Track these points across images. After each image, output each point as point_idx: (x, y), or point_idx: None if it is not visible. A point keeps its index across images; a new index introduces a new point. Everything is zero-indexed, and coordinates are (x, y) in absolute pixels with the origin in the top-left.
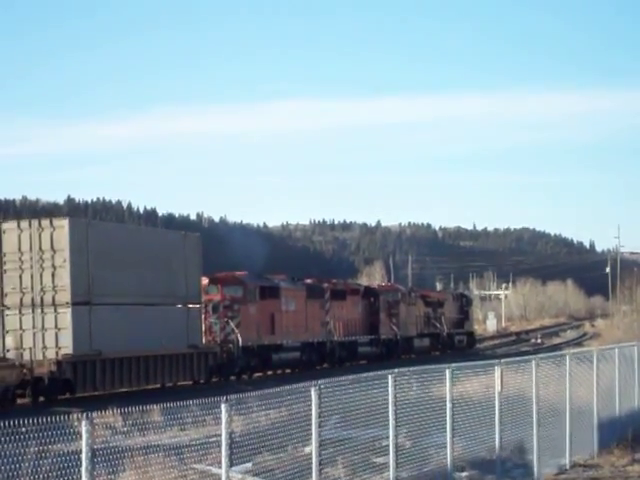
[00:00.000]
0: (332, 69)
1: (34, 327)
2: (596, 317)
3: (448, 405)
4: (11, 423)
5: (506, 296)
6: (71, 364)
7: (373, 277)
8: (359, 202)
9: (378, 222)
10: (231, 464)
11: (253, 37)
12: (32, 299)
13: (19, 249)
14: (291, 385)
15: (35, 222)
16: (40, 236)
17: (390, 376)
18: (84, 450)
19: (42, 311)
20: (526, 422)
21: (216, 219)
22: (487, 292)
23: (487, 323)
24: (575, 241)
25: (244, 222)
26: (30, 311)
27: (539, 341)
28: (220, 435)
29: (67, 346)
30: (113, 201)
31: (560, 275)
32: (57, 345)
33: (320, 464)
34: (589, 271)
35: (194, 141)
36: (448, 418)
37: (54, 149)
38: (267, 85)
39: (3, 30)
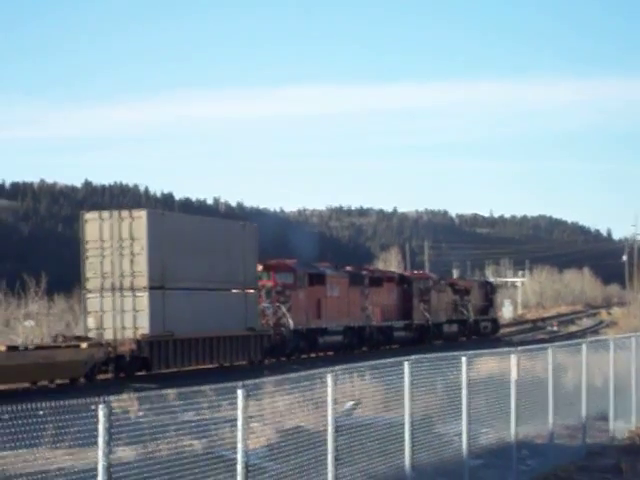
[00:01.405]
0: (349, 54)
1: (114, 309)
2: (613, 305)
3: (464, 392)
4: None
5: (522, 283)
6: (148, 343)
7: (389, 263)
8: (376, 188)
9: (395, 208)
10: (247, 449)
11: (270, 21)
12: (112, 283)
13: (100, 238)
14: (307, 371)
15: (115, 213)
16: (120, 226)
17: (406, 363)
18: (101, 432)
19: (121, 294)
20: (542, 410)
21: (233, 204)
22: (503, 279)
23: (503, 310)
24: (592, 229)
25: (261, 207)
26: (110, 294)
27: (555, 328)
28: (236, 419)
29: (144, 327)
30: (130, 185)
31: (577, 263)
32: (135, 326)
33: (336, 450)
34: (606, 259)
35: (210, 125)
36: (464, 405)
37: (71, 132)
38: (284, 69)
39: (19, 13)
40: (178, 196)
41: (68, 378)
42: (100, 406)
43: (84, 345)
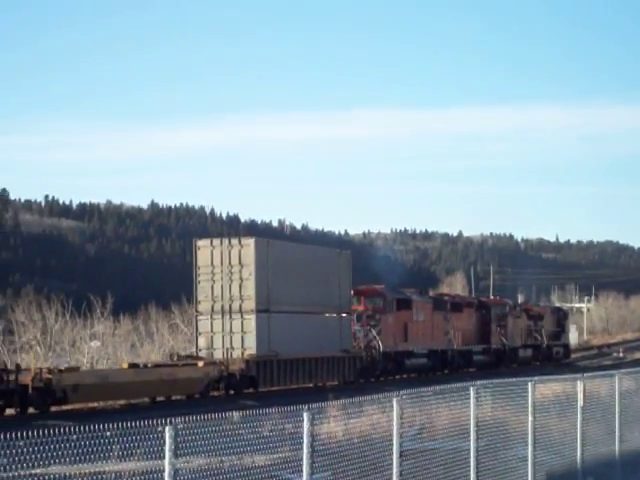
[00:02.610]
0: (414, 77)
1: (223, 330)
2: None
3: (530, 418)
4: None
5: (588, 309)
6: (255, 363)
7: (454, 287)
8: (441, 211)
9: (460, 232)
10: (312, 472)
11: (335, 45)
12: (222, 306)
13: (211, 263)
14: (372, 395)
15: (225, 241)
16: (230, 253)
17: (472, 388)
18: (167, 456)
19: (230, 317)
20: (609, 436)
21: (298, 226)
22: (569, 305)
23: (569, 336)
24: None
25: (325, 230)
26: (220, 317)
27: (621, 355)
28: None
29: (252, 347)
30: (196, 207)
31: None
32: (243, 346)
33: (401, 475)
34: None
35: (276, 148)
36: (530, 431)
37: (138, 154)
38: (348, 92)
39: (85, 36)
40: (244, 218)
41: (186, 394)
42: (167, 427)
43: (201, 364)
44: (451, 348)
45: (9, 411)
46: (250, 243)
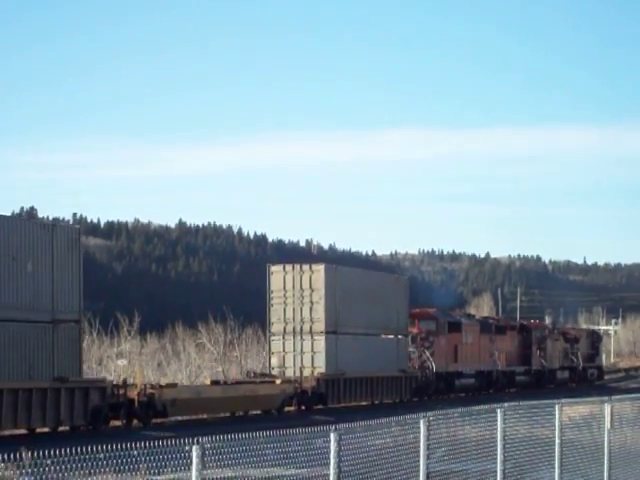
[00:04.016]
0: (445, 98)
1: (294, 350)
2: None
3: (557, 441)
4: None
5: (615, 332)
6: (325, 381)
7: (481, 309)
8: (468, 233)
9: (487, 253)
10: None
11: (366, 63)
12: (293, 328)
13: (284, 287)
14: (399, 416)
15: (297, 267)
16: (301, 278)
17: (499, 410)
18: (194, 476)
19: (301, 338)
20: (636, 460)
21: (325, 246)
22: (596, 327)
23: (602, 358)
24: None
25: (352, 250)
26: (291, 337)
27: None
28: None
29: (321, 366)
30: (224, 226)
31: None
32: (313, 365)
33: None
34: None
35: (302, 167)
36: (557, 453)
37: (165, 172)
38: (377, 113)
39: (113, 51)
40: (271, 238)
41: (263, 409)
42: (194, 447)
43: (278, 381)
44: (496, 369)
45: (114, 422)
46: (320, 269)
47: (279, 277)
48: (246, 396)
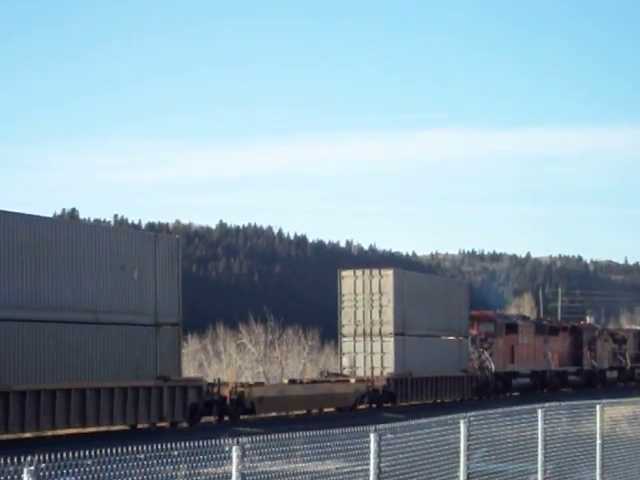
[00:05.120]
0: (480, 98)
1: (364, 351)
2: None
3: (598, 442)
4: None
5: None
6: (394, 380)
7: (522, 309)
8: (509, 233)
9: (528, 254)
10: None
11: (401, 64)
12: (363, 330)
13: (354, 291)
14: (439, 417)
15: (367, 271)
16: (371, 282)
17: (540, 410)
18: (234, 475)
19: (371, 339)
20: None
21: (365, 247)
22: (638, 327)
23: None
24: None
25: (393, 250)
26: (361, 339)
27: None
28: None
29: (390, 366)
30: (264, 227)
31: None
32: (382, 365)
33: None
34: None
35: (343, 168)
36: (598, 454)
37: (207, 173)
38: (415, 114)
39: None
40: (311, 238)
41: (338, 407)
42: (234, 447)
43: (352, 380)
44: (549, 369)
45: (206, 418)
46: (389, 274)
47: (349, 281)
48: (324, 394)
